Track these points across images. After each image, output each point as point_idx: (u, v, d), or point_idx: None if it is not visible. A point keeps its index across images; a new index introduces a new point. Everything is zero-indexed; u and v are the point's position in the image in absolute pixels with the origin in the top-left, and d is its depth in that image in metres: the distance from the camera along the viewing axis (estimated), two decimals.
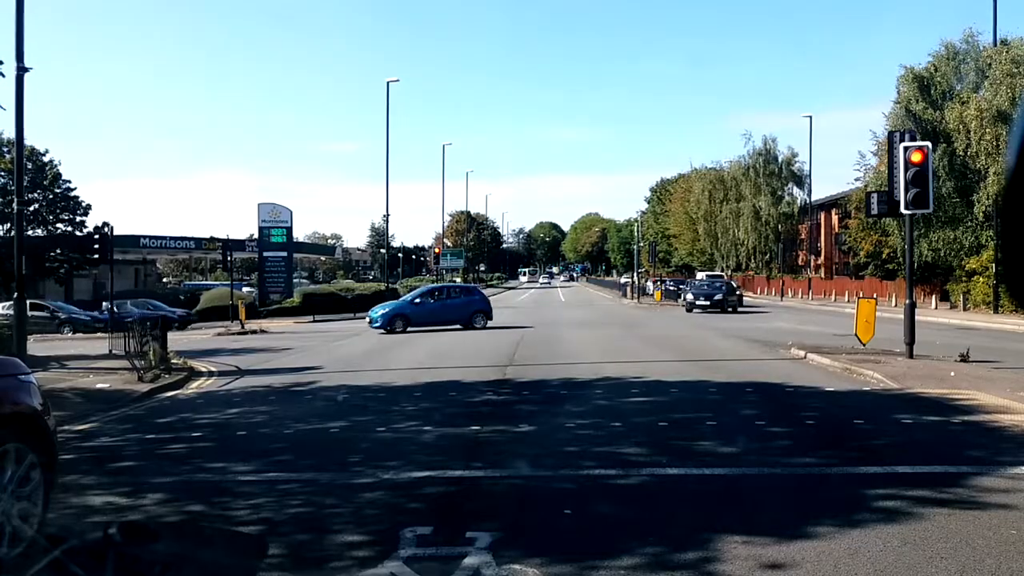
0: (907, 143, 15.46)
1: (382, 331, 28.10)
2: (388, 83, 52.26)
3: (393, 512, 6.09)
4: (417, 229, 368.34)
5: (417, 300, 30.30)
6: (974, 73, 40.06)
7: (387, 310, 29.66)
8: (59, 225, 48.25)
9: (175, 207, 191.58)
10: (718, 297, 39.86)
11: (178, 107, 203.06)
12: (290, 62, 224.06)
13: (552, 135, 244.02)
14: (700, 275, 59.35)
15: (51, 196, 47.69)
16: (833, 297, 53.53)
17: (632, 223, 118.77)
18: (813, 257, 68.78)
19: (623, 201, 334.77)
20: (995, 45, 38.25)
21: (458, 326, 29.03)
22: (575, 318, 36.63)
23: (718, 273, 60.06)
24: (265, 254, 46.45)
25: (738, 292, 46.36)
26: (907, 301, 16.33)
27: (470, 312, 29.72)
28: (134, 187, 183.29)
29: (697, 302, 39.52)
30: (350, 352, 21.76)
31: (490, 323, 29.59)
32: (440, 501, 6.51)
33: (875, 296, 35.06)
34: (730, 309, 39.18)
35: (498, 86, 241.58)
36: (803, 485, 6.92)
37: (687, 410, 10.87)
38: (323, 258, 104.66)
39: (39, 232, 46.56)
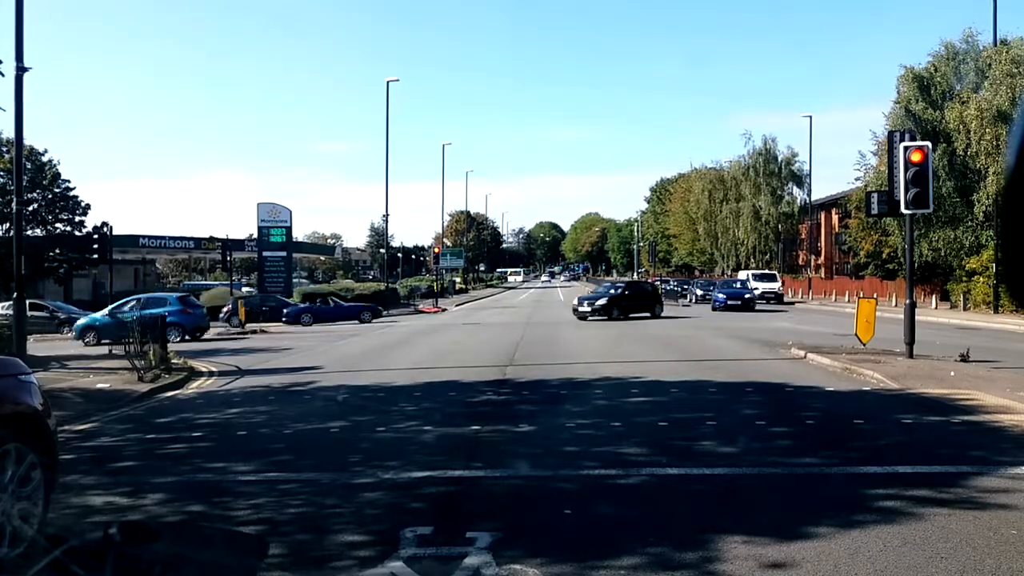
0: (907, 143, 15.46)
1: (80, 343, 26.84)
2: (388, 83, 52.28)
3: (393, 512, 6.09)
4: (417, 229, 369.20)
5: (107, 313, 28.34)
6: (974, 73, 40.06)
7: (84, 321, 28.48)
8: (58, 225, 48.19)
9: (175, 207, 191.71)
10: (601, 303, 33.65)
11: (178, 107, 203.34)
12: (290, 62, 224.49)
13: (552, 135, 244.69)
14: (742, 273, 54.84)
15: (50, 196, 47.64)
16: (833, 297, 53.55)
17: (632, 223, 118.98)
18: (813, 257, 68.81)
19: (623, 201, 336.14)
20: (995, 45, 38.26)
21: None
22: (574, 318, 36.48)
23: (769, 272, 55.46)
24: (264, 254, 46.52)
25: (751, 295, 41.71)
26: (907, 301, 16.33)
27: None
28: (134, 187, 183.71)
29: (580, 308, 34.06)
30: (349, 352, 21.77)
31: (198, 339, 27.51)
32: (440, 501, 6.51)
33: (875, 296, 35.07)
34: (632, 315, 33.50)
35: (498, 86, 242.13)
36: (803, 485, 6.93)
37: (687, 410, 10.87)
38: (323, 258, 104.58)
39: (38, 232, 46.50)
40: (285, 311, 38.34)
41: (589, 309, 33.61)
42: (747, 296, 41.32)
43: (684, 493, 6.72)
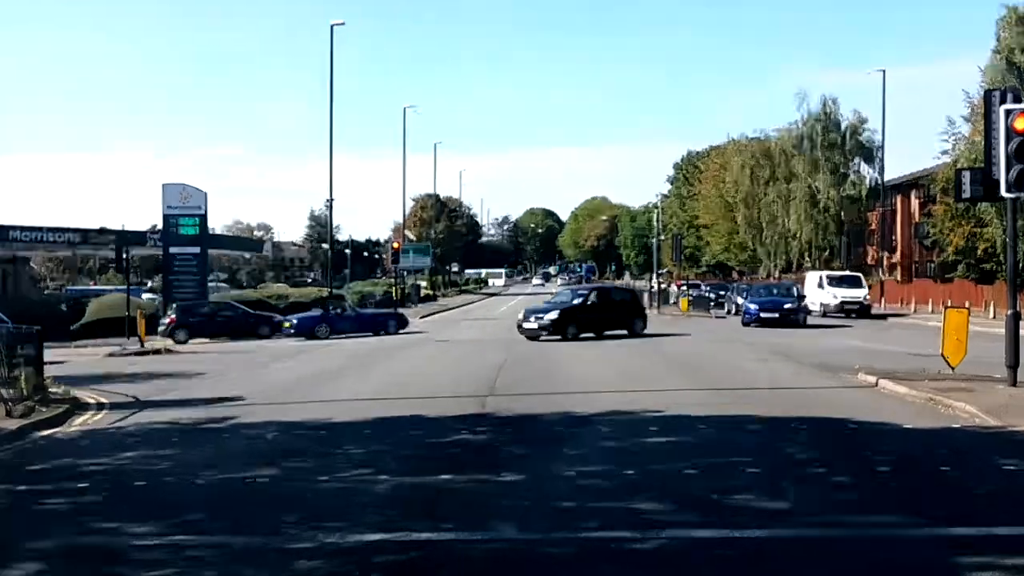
0: (1009, 105, 15.53)
1: None
2: (332, 26, 52.19)
3: None
4: (371, 218, 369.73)
5: None
6: None
7: None
8: None
9: (58, 191, 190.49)
10: (552, 317, 32.53)
11: (65, 62, 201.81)
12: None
13: (546, 97, 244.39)
14: (813, 275, 53.44)
15: None
16: (912, 305, 53.82)
17: (650, 210, 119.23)
18: (886, 254, 69.11)
19: (638, 182, 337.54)
20: None
21: None
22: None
23: (852, 274, 53.55)
24: (171, 250, 46.25)
25: (794, 304, 40.37)
26: (1009, 311, 16.39)
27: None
28: (3, 164, 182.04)
29: (525, 324, 33.34)
30: (282, 378, 21.73)
31: None
32: (400, 571, 6.50)
33: (967, 305, 35.23)
34: (605, 332, 33.10)
35: (475, 34, 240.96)
36: (874, 551, 6.94)
37: (720, 454, 10.89)
38: (248, 255, 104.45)
39: None
40: (294, 321, 39.52)
41: (536, 325, 32.52)
42: (787, 307, 39.98)
43: (716, 562, 6.72)
